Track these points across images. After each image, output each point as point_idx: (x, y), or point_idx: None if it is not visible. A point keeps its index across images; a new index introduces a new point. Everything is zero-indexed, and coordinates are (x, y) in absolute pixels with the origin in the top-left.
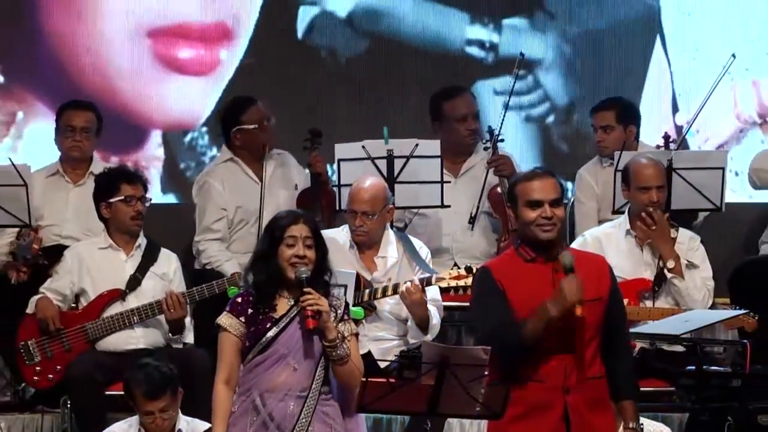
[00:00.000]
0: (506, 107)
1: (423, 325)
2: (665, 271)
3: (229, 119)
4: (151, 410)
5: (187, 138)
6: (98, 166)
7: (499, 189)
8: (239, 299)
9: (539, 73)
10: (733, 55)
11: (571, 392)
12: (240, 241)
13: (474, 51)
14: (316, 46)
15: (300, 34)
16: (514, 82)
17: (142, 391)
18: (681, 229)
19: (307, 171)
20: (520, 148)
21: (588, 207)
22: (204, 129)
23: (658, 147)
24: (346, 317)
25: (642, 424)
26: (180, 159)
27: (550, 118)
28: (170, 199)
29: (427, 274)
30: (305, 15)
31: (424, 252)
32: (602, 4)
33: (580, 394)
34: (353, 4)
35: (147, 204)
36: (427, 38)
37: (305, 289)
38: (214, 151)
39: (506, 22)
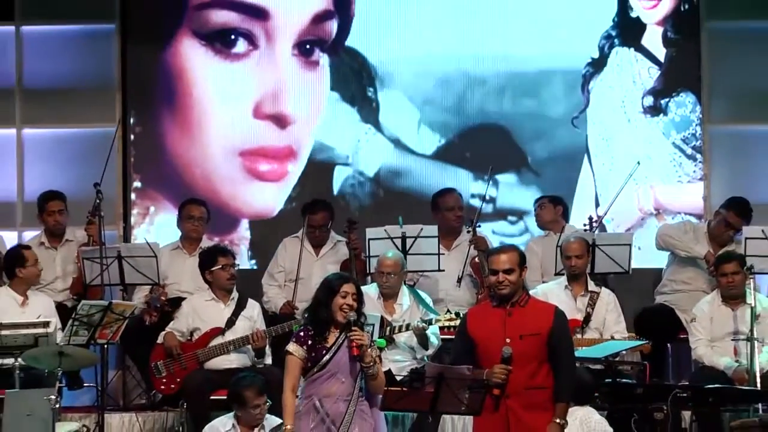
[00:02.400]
0: (483, 202)
1: (424, 344)
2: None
3: (304, 209)
4: (258, 404)
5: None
6: (206, 243)
7: (477, 259)
8: (302, 333)
9: (527, 219)
10: (638, 162)
11: (511, 398)
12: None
13: (476, 202)
14: (347, 199)
15: (335, 190)
16: (488, 184)
17: (254, 391)
18: (603, 288)
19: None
20: None
21: (533, 264)
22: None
23: (584, 226)
24: (372, 344)
25: (566, 421)
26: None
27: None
28: (254, 265)
29: (431, 316)
30: (340, 174)
31: (428, 300)
32: (550, 140)
33: (518, 399)
34: (379, 165)
35: (236, 269)
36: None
37: (353, 328)
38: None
39: (501, 179)
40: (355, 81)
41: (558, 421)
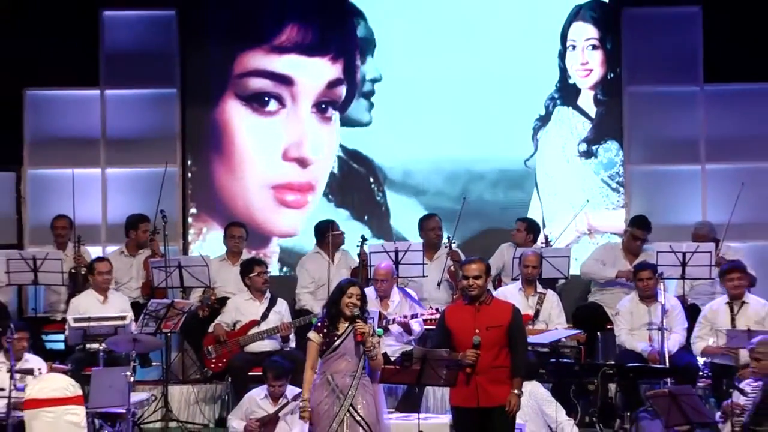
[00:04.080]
0: (456, 224)
1: (408, 331)
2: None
3: (320, 230)
4: (273, 384)
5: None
6: (245, 256)
7: (452, 268)
8: (319, 324)
9: None
10: (588, 200)
11: (479, 374)
12: (319, 292)
13: None
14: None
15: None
16: (461, 211)
17: (273, 373)
18: (548, 290)
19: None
20: None
21: (496, 264)
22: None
23: (541, 244)
24: (371, 333)
25: (522, 392)
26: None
27: None
28: (283, 272)
29: (417, 310)
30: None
31: (415, 296)
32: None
33: (485, 375)
34: None
35: (268, 275)
36: None
37: (357, 320)
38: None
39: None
40: (365, 192)
41: (515, 391)
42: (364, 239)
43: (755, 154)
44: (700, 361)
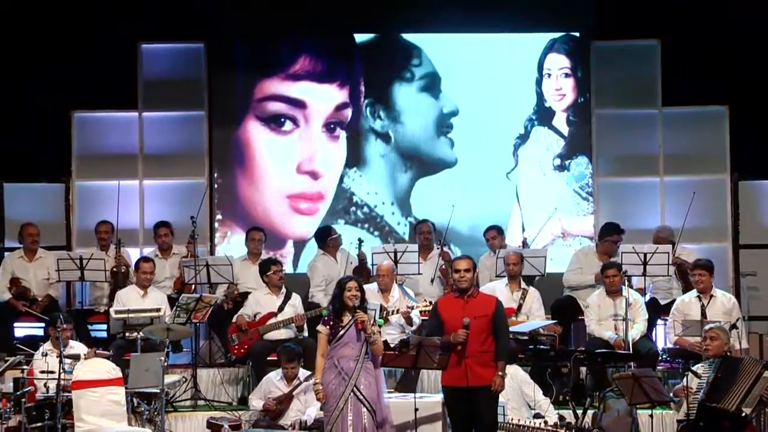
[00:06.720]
0: (447, 226)
1: (409, 322)
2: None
3: (321, 236)
4: (286, 366)
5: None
6: (264, 256)
7: (443, 266)
8: (326, 318)
9: None
10: (555, 208)
11: (469, 358)
12: (329, 288)
13: None
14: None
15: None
16: (452, 214)
17: (284, 357)
18: (530, 287)
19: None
20: None
21: (481, 268)
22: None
23: (520, 245)
24: (372, 322)
25: (506, 373)
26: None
27: None
28: (297, 271)
29: (413, 303)
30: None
31: (411, 294)
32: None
33: (473, 358)
34: None
35: (283, 273)
36: None
37: (358, 311)
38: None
39: None
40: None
41: (500, 373)
42: (361, 241)
43: (705, 168)
44: (659, 347)
